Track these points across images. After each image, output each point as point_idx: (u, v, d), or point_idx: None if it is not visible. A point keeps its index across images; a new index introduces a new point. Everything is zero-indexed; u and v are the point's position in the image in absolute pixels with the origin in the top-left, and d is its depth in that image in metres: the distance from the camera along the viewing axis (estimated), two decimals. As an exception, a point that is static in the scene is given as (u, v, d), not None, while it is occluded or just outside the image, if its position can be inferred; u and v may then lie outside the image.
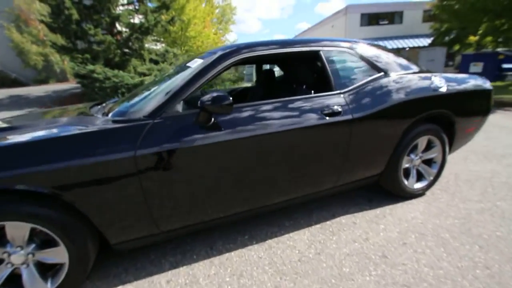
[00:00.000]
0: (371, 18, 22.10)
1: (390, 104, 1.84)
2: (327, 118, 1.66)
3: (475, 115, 2.31)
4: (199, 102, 1.35)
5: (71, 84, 14.24)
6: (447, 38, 14.48)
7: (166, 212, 1.45)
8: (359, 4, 21.50)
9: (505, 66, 10.66)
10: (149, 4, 10.47)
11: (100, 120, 1.44)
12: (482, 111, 2.35)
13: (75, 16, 8.82)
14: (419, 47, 20.55)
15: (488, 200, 2.18)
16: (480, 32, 10.83)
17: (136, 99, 1.70)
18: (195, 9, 15.40)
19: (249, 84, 9.12)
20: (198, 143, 1.38)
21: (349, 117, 1.72)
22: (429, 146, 2.20)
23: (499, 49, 11.31)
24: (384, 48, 2.14)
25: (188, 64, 1.80)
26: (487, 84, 2.34)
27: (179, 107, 1.45)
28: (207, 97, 1.34)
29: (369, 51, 1.99)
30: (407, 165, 2.15)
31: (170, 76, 1.85)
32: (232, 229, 1.94)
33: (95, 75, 8.70)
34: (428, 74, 2.09)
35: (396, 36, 21.43)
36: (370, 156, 1.93)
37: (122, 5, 10.41)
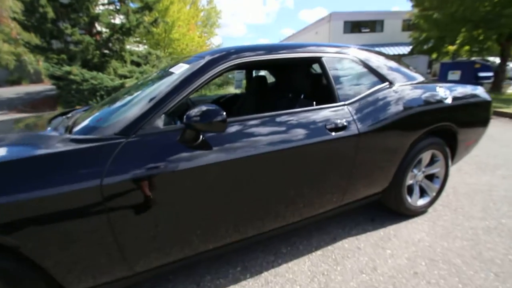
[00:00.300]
0: (354, 26, 22.62)
1: (398, 117, 1.68)
2: (333, 133, 1.47)
3: (477, 126, 2.22)
4: (184, 117, 1.11)
5: (46, 86, 13.47)
6: (425, 47, 14.96)
7: (141, 250, 1.19)
8: (343, 12, 22.01)
9: (481, 74, 11.10)
10: (131, 5, 10.06)
11: (56, 139, 1.15)
12: (483, 122, 2.26)
13: (51, 14, 8.32)
14: (399, 55, 21.22)
15: (492, 217, 2.07)
16: (458, 41, 11.24)
17: (107, 110, 1.43)
18: (179, 11, 15.10)
19: (238, 91, 8.86)
20: (182, 167, 1.13)
21: (355, 131, 1.53)
22: (432, 161, 2.07)
23: (474, 58, 11.81)
24: (387, 56, 1.99)
25: (171, 70, 1.54)
26: (486, 94, 2.26)
27: (160, 122, 1.19)
28: (194, 112, 1.09)
29: (373, 58, 1.82)
30: (410, 181, 1.99)
31: (150, 83, 1.59)
32: (221, 259, 1.69)
33: (71, 76, 8.21)
34: (433, 85, 1.96)
35: (377, 44, 21.99)
36: (375, 173, 1.76)
37: (102, 4, 9.96)
